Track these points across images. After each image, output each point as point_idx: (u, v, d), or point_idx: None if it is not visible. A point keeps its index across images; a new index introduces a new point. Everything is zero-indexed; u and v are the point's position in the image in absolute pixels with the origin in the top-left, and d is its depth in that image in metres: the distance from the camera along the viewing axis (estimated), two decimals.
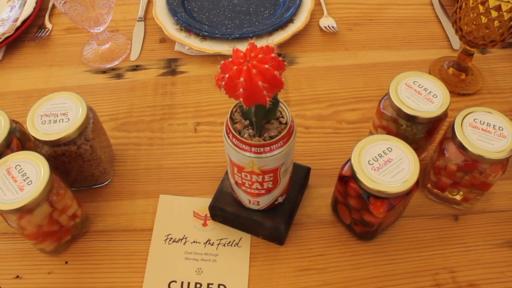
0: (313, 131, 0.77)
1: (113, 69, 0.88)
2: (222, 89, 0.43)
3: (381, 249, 0.65)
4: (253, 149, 0.50)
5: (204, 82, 0.84)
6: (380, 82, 0.84)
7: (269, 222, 0.62)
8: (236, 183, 0.58)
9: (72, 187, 0.71)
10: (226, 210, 0.63)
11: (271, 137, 0.50)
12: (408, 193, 0.57)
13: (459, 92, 0.81)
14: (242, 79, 0.41)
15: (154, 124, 0.79)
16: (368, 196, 0.57)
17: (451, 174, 0.63)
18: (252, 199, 0.59)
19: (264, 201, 0.60)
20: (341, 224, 0.67)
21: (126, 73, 0.87)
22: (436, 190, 0.68)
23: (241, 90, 0.41)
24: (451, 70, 0.83)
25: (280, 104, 0.52)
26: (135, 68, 0.88)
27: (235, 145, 0.51)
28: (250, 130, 0.51)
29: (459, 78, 0.83)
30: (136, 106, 0.82)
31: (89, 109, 0.66)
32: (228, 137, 0.51)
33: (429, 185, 0.69)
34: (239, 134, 0.51)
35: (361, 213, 0.59)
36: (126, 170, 0.74)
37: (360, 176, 0.55)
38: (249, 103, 0.43)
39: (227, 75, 0.41)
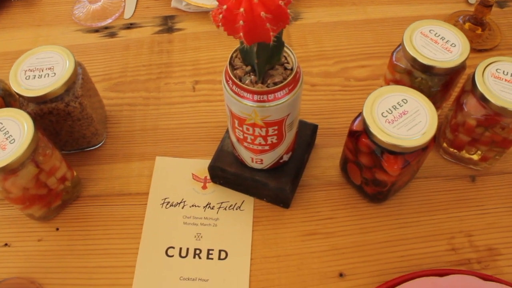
0: (319, 88, 0.72)
1: (105, 27, 0.83)
2: (220, 24, 0.38)
3: (393, 212, 0.61)
4: (255, 97, 0.45)
5: (202, 39, 0.79)
6: (390, 38, 0.78)
7: (273, 183, 0.57)
8: (238, 139, 0.53)
9: (62, 150, 0.67)
10: (226, 170, 0.59)
11: (275, 84, 0.45)
12: (424, 149, 0.52)
13: (476, 48, 0.76)
14: (242, 9, 0.35)
15: (150, 83, 0.74)
16: (382, 152, 0.52)
17: (470, 131, 0.58)
18: (254, 157, 0.55)
19: (268, 159, 0.55)
20: (351, 185, 0.62)
21: (120, 32, 0.82)
22: (452, 149, 0.63)
23: (241, 22, 0.36)
24: (467, 24, 0.78)
25: (285, 48, 0.47)
26: (129, 26, 0.82)
27: (235, 93, 0.46)
28: (252, 76, 0.46)
29: (476, 33, 0.77)
30: (130, 65, 0.77)
31: (78, 64, 0.61)
32: (228, 84, 0.46)
33: (444, 144, 0.64)
34: (240, 80, 0.46)
35: (373, 171, 0.55)
36: (121, 132, 0.69)
37: (373, 129, 0.51)
38: (251, 39, 0.38)
39: (224, 6, 0.36)
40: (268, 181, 0.57)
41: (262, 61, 0.43)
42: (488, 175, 0.64)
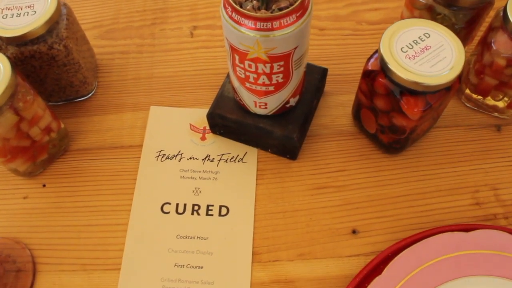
0: (328, 32, 0.66)
1: None
2: None
3: (412, 164, 0.56)
4: (258, 24, 0.39)
5: None
6: None
7: (279, 131, 0.52)
8: (239, 79, 0.47)
9: (49, 101, 0.61)
10: (227, 117, 0.53)
11: (281, 10, 0.39)
12: (448, 89, 0.46)
13: None
14: None
15: (144, 29, 0.68)
16: (401, 93, 0.46)
17: (498, 72, 0.52)
18: (258, 100, 0.49)
19: (272, 103, 0.49)
20: (364, 135, 0.57)
21: None
22: (475, 96, 0.57)
23: None
24: None
25: None
26: None
27: (235, 21, 0.40)
28: (254, 2, 0.40)
29: None
30: (123, 11, 0.71)
31: (62, 4, 0.55)
32: (226, 12, 0.40)
33: (467, 91, 0.58)
34: (241, 6, 0.40)
35: (390, 116, 0.49)
36: (112, 81, 0.64)
37: (392, 66, 0.45)
38: None
39: None
40: (273, 128, 0.52)
41: None
42: None
